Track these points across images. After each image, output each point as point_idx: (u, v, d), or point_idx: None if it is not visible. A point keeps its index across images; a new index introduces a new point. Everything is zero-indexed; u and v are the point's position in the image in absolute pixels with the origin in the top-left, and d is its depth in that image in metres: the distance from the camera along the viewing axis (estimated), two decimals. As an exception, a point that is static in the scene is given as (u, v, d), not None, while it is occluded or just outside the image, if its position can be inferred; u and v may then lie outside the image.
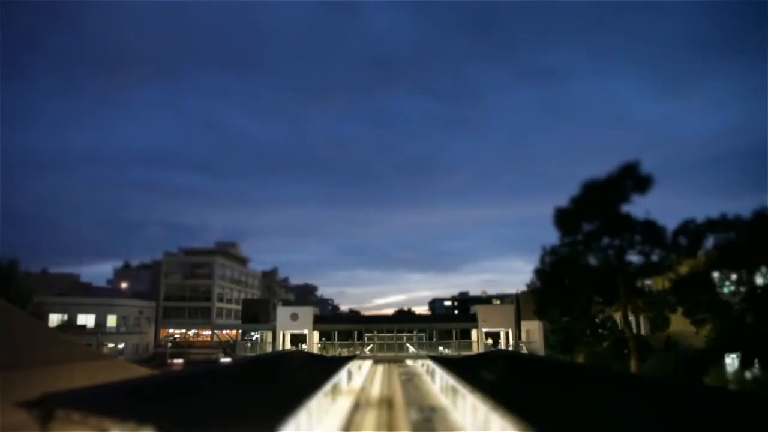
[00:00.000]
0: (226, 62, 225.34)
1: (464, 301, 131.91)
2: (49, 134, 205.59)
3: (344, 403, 23.04)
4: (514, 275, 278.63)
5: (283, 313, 55.93)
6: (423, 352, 47.86)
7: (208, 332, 76.87)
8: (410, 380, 34.13)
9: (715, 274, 32.49)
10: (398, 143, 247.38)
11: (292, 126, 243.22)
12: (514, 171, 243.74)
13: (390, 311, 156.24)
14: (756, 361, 28.65)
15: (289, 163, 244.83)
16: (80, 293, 73.77)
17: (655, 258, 33.18)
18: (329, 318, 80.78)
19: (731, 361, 31.19)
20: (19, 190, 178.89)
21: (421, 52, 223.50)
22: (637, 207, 32.84)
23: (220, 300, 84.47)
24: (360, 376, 35.31)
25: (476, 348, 53.02)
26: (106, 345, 64.60)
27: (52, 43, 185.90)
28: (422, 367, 40.29)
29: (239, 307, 75.25)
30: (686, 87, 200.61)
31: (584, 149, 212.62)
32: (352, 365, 33.82)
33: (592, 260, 34.63)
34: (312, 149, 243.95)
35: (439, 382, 28.00)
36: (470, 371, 19.73)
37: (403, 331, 57.58)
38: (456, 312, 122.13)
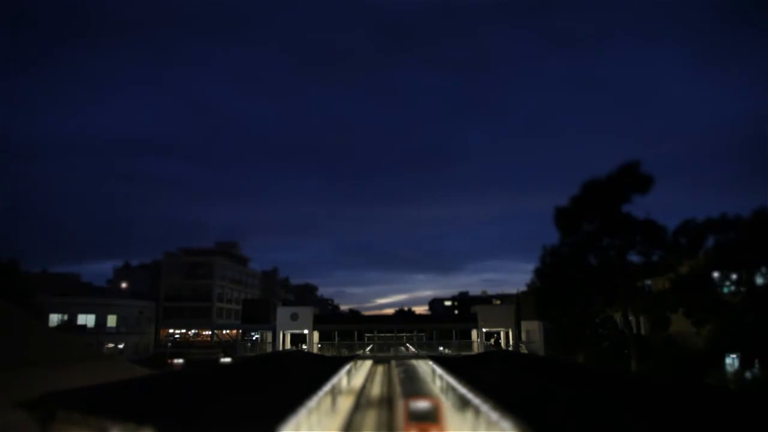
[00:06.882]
0: (216, 29, 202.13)
1: (464, 301, 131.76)
2: (22, 117, 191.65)
3: (344, 403, 23.01)
4: (516, 275, 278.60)
5: (283, 313, 55.87)
6: (423, 352, 47.81)
7: (208, 332, 76.84)
8: (410, 380, 34.10)
9: (715, 274, 32.46)
10: (409, 130, 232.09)
11: (292, 108, 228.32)
12: (531, 159, 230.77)
13: (391, 311, 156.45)
14: (756, 361, 28.63)
15: (289, 152, 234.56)
16: (80, 293, 73.70)
17: (655, 258, 33.18)
18: (329, 318, 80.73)
19: (731, 361, 31.16)
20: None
21: (439, 17, 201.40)
22: (651, 202, 32.89)
23: (220, 300, 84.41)
24: (360, 376, 35.30)
25: (476, 348, 52.99)
26: (107, 345, 64.57)
27: (26, 14, 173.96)
28: (422, 367, 40.27)
29: (239, 307, 75.17)
30: (728, 60, 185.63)
31: (610, 134, 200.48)
32: (352, 365, 33.81)
33: (593, 260, 34.62)
34: (314, 135, 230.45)
35: (438, 382, 27.97)
36: (470, 371, 19.74)
37: (403, 332, 57.53)
38: (456, 312, 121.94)
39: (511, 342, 53.70)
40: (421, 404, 14.88)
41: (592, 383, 14.15)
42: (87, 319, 68.09)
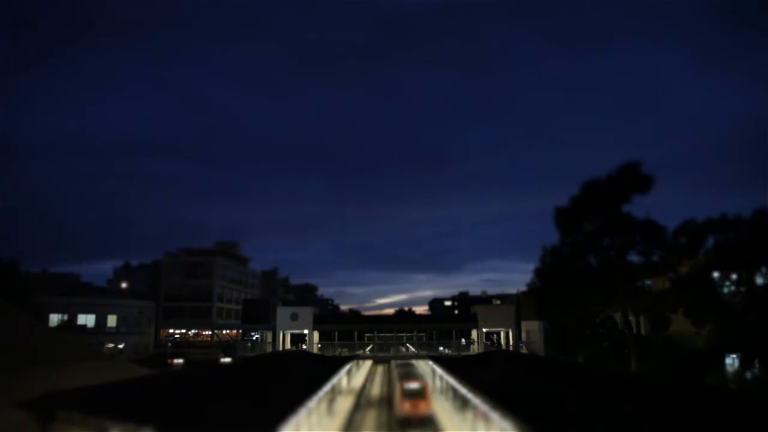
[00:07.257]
0: (216, 29, 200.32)
1: (464, 301, 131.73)
2: (22, 117, 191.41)
3: (344, 403, 22.99)
4: (516, 275, 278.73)
5: (283, 313, 55.86)
6: (423, 352, 47.83)
7: (208, 332, 76.82)
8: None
9: (715, 274, 32.44)
10: (409, 130, 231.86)
11: (292, 108, 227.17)
12: (531, 159, 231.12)
13: (391, 311, 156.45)
14: (756, 361, 28.61)
15: (289, 152, 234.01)
16: (80, 293, 73.66)
17: (655, 258, 33.17)
18: (329, 318, 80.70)
19: (731, 361, 31.16)
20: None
21: (439, 17, 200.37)
22: (651, 202, 32.89)
23: (220, 300, 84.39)
24: (360, 376, 35.30)
25: (476, 348, 52.99)
26: (107, 345, 64.55)
27: (26, 14, 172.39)
28: (422, 367, 40.26)
29: (239, 307, 75.17)
30: (728, 60, 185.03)
31: (610, 134, 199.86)
32: (352, 365, 33.81)
33: (593, 260, 34.61)
34: (314, 135, 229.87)
35: (438, 382, 27.95)
36: (470, 371, 19.74)
37: (403, 332, 57.52)
38: (456, 312, 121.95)
39: (511, 342, 53.70)
40: (413, 384, 19.33)
41: (592, 383, 14.15)
42: (87, 319, 68.08)
